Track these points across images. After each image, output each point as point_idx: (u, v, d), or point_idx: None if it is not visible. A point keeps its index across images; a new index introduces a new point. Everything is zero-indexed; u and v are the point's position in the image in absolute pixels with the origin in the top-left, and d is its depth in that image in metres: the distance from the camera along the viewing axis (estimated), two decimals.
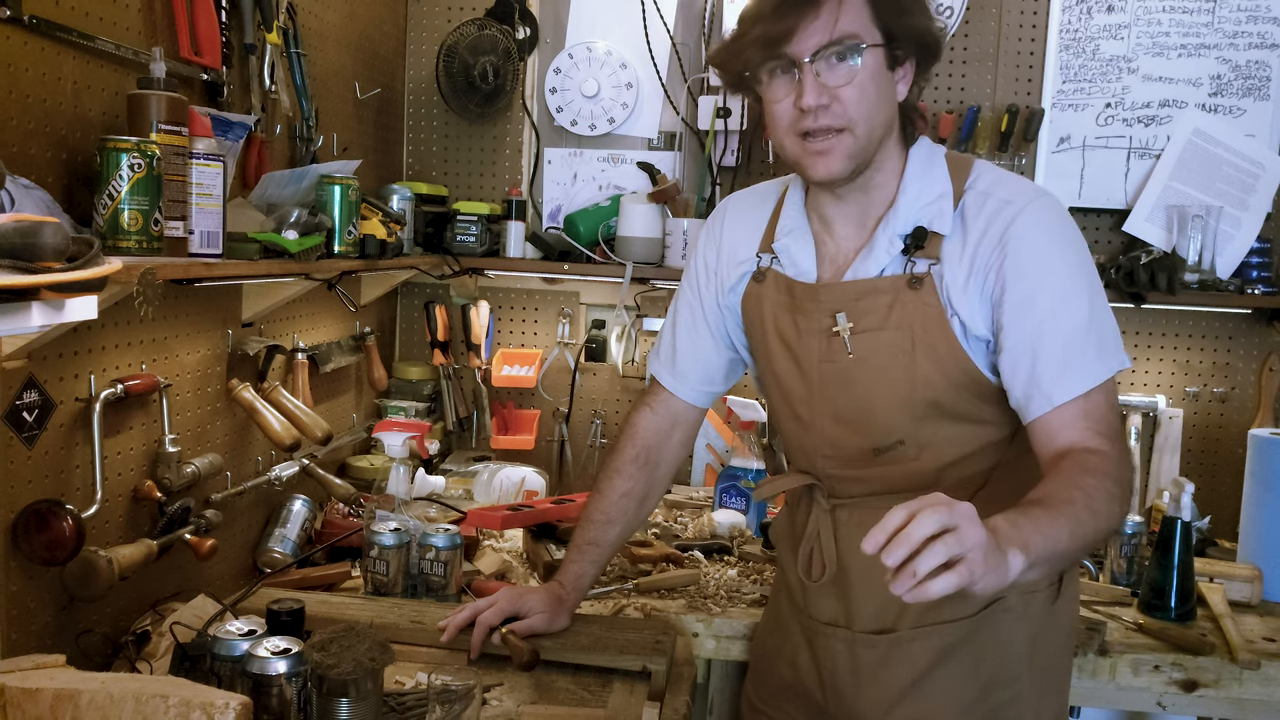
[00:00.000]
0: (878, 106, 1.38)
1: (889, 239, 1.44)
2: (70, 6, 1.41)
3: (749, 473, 2.37)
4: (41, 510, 1.39)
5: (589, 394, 2.84)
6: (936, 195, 1.43)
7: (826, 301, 1.48)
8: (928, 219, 1.43)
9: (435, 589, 1.84)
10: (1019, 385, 1.37)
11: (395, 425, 2.57)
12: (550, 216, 2.82)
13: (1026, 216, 1.38)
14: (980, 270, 1.39)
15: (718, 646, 1.87)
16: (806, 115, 1.36)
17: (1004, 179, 1.45)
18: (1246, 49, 2.54)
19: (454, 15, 2.76)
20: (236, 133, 1.76)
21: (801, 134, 1.39)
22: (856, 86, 1.35)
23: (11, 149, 1.32)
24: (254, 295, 1.93)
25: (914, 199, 1.44)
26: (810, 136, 1.38)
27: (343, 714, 1.26)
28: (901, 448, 1.47)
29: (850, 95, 1.35)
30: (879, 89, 1.38)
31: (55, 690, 1.14)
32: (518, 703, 1.49)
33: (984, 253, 1.39)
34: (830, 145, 1.37)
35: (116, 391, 1.52)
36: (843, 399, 1.49)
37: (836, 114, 1.36)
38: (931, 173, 1.45)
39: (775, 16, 1.35)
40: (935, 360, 1.41)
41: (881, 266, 1.44)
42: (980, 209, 1.41)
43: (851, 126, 1.37)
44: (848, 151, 1.38)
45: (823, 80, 1.35)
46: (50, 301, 1.10)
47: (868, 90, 1.36)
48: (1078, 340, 1.35)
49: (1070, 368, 1.34)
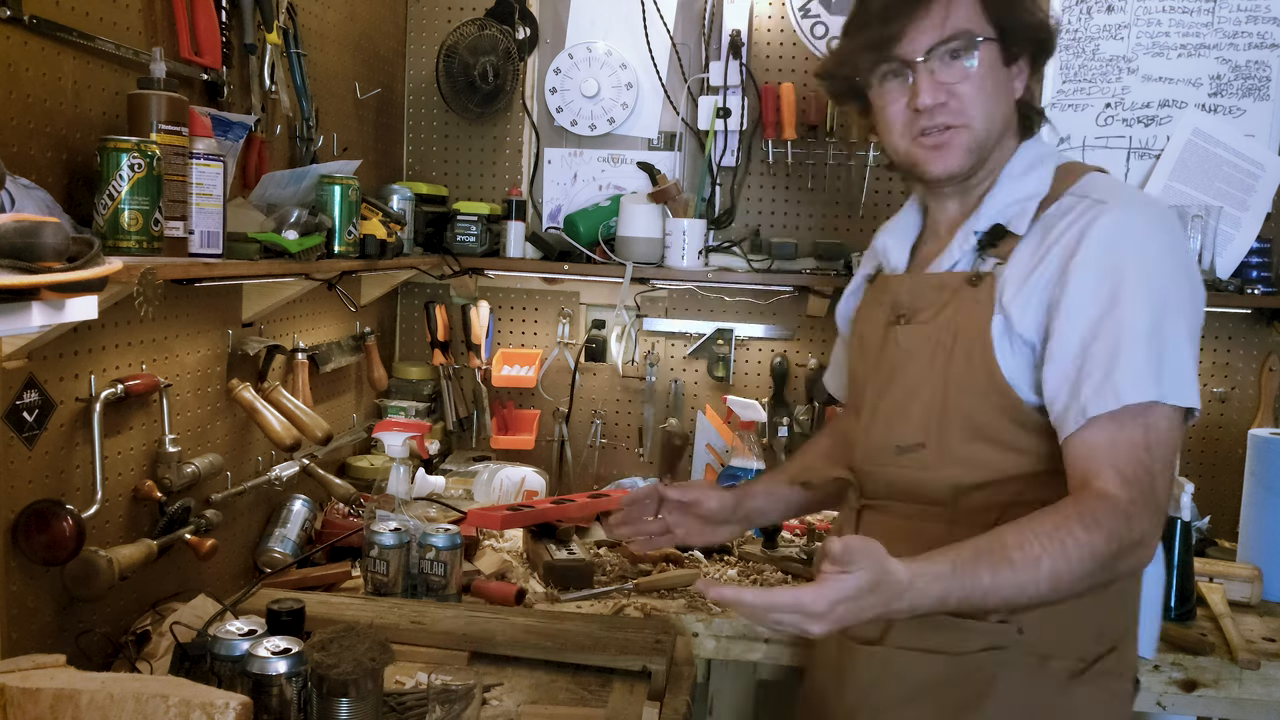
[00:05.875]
0: (995, 102, 1.35)
1: (966, 235, 1.40)
2: (70, 6, 1.41)
3: (749, 473, 2.37)
4: (41, 510, 1.39)
5: (589, 394, 2.84)
6: (1026, 196, 1.38)
7: (893, 293, 1.47)
8: (1007, 218, 1.38)
9: (435, 589, 1.84)
10: (1061, 395, 1.27)
11: (395, 425, 2.57)
12: (550, 216, 2.82)
13: (1111, 217, 1.28)
14: (1045, 266, 1.30)
15: (718, 646, 1.87)
16: (922, 116, 1.33)
17: (1116, 188, 1.36)
18: (1246, 49, 2.54)
19: (454, 15, 2.76)
20: (236, 133, 1.76)
21: (917, 135, 1.36)
22: (973, 82, 1.32)
23: (11, 149, 1.32)
24: (254, 295, 1.93)
25: (1002, 197, 1.39)
26: (924, 135, 1.35)
27: (343, 714, 1.26)
28: (922, 451, 1.40)
29: (967, 91, 1.32)
30: (996, 84, 1.34)
31: (55, 690, 1.14)
32: (518, 703, 1.49)
33: (1056, 251, 1.30)
34: (947, 139, 1.34)
35: (117, 391, 1.52)
36: (885, 392, 1.46)
37: (954, 111, 1.33)
38: (1032, 174, 1.39)
39: (884, 19, 1.33)
40: (969, 364, 1.34)
41: (954, 261, 1.41)
42: (1068, 211, 1.33)
43: (970, 122, 1.34)
44: (966, 145, 1.35)
45: (938, 78, 1.32)
46: (50, 301, 1.10)
47: (985, 85, 1.33)
48: (1129, 350, 1.23)
49: (1113, 378, 1.22)
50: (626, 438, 2.84)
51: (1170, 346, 1.24)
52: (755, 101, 2.68)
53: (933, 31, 1.31)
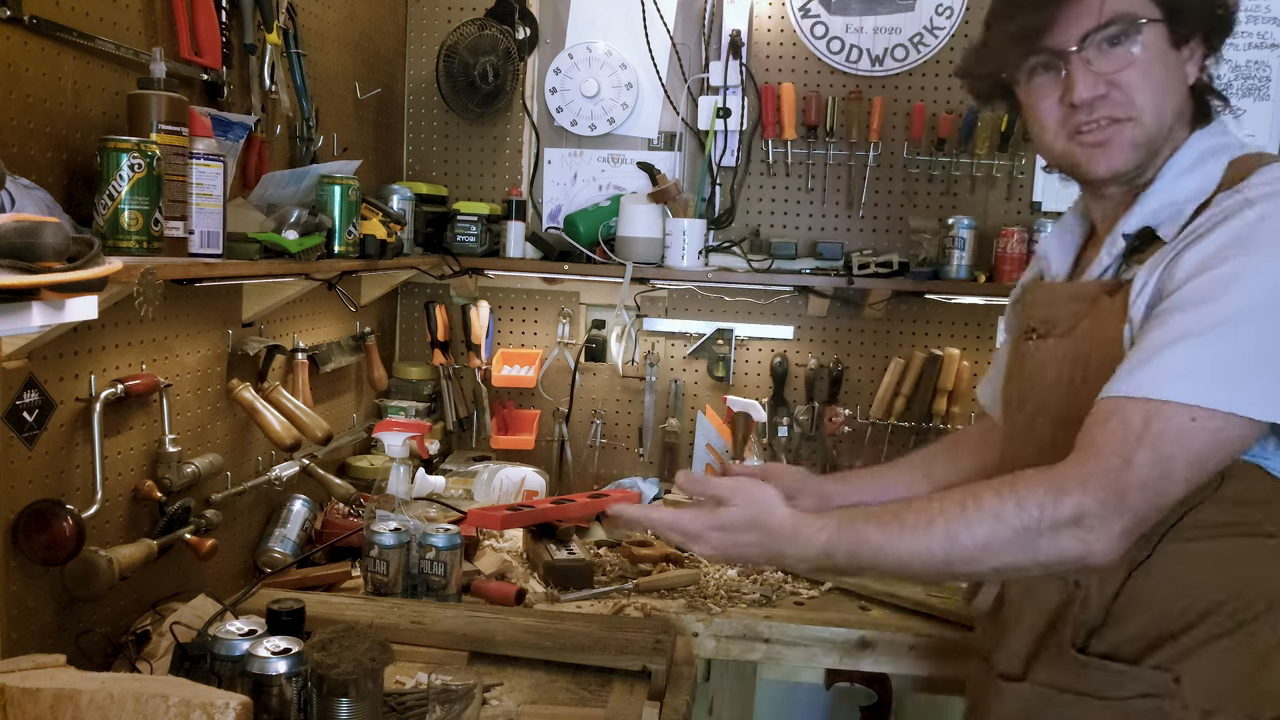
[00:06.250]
0: (1166, 90, 1.20)
1: (1114, 239, 1.25)
2: (70, 6, 1.41)
3: None
4: (42, 510, 1.39)
5: (589, 394, 2.84)
6: (1185, 197, 1.20)
7: (1029, 303, 1.37)
8: (1159, 221, 1.21)
9: (435, 589, 1.84)
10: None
11: (395, 425, 2.57)
12: (550, 216, 2.82)
13: (1256, 212, 1.11)
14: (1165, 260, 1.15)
15: (718, 646, 1.87)
16: (1079, 111, 1.21)
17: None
18: (1246, 49, 2.54)
19: (454, 15, 2.76)
20: (236, 133, 1.76)
21: (1073, 132, 1.23)
22: (1139, 69, 1.18)
23: (11, 149, 1.31)
24: (254, 295, 1.93)
25: (1158, 197, 1.22)
26: (1082, 132, 1.22)
27: (343, 714, 1.26)
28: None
29: (1132, 79, 1.18)
30: (1166, 70, 1.19)
31: (55, 690, 1.14)
32: (518, 703, 1.49)
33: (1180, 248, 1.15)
34: (1109, 135, 1.21)
35: (117, 391, 1.52)
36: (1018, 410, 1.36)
37: (1117, 102, 1.19)
38: (1198, 170, 1.22)
39: (1031, 7, 1.20)
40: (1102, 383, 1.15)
41: (1103, 269, 1.26)
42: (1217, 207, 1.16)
43: (1137, 115, 1.19)
44: (1132, 141, 1.20)
45: (1095, 68, 1.18)
46: (50, 301, 1.10)
47: (1152, 72, 1.18)
48: (1196, 341, 1.07)
49: (1152, 363, 1.08)
50: (626, 438, 2.84)
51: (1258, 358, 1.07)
52: (755, 101, 2.68)
53: (1087, 17, 1.17)
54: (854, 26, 2.66)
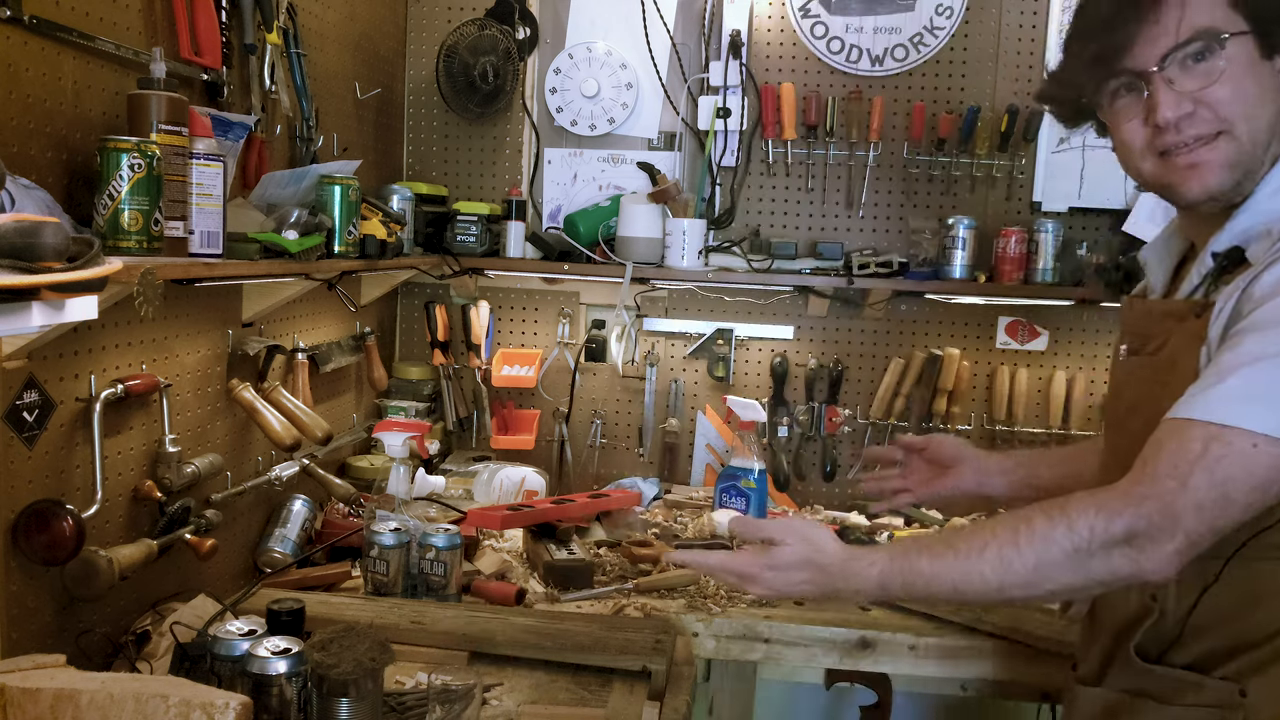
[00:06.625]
0: (1259, 103, 1.15)
1: (1205, 257, 1.22)
2: (70, 6, 1.41)
3: (749, 473, 2.37)
4: (41, 510, 1.39)
5: (589, 394, 2.84)
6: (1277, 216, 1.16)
7: (1129, 318, 1.34)
8: (1248, 240, 1.17)
9: (435, 589, 1.84)
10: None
11: (395, 425, 2.57)
12: (550, 216, 2.82)
13: None
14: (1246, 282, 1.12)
15: (718, 646, 1.87)
16: (1165, 132, 1.16)
17: None
18: None
19: (454, 15, 2.76)
20: (236, 133, 1.76)
21: (1161, 153, 1.19)
22: (1228, 82, 1.13)
23: (11, 149, 1.31)
24: (254, 295, 1.93)
25: (1250, 216, 1.18)
26: (1171, 153, 1.17)
27: (343, 714, 1.26)
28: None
29: (1221, 95, 1.14)
30: (1258, 82, 1.14)
31: (55, 690, 1.14)
32: (518, 703, 1.49)
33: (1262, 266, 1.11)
34: (1201, 157, 1.16)
35: (117, 391, 1.52)
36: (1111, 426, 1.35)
37: (1205, 120, 1.15)
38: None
39: (1107, 28, 1.17)
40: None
41: (1193, 287, 1.23)
42: None
43: (1229, 128, 1.15)
44: (1227, 159, 1.16)
45: (1179, 87, 1.14)
46: (50, 301, 1.10)
47: (1243, 85, 1.14)
48: (1264, 365, 1.05)
49: (1218, 386, 1.07)
50: (626, 438, 2.84)
51: None
52: (755, 101, 2.68)
53: (1167, 35, 1.14)
54: (854, 26, 2.66)
